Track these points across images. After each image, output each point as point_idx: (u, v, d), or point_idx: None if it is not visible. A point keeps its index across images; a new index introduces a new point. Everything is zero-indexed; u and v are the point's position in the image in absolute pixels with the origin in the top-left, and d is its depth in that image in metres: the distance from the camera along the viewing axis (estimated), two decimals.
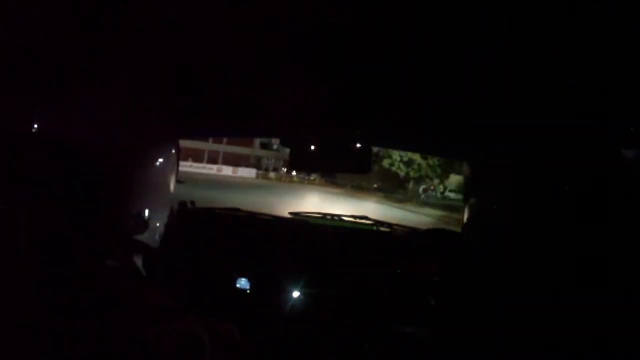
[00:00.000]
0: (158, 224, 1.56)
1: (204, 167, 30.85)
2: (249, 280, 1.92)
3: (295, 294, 1.91)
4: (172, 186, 0.91)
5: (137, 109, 0.69)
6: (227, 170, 32.09)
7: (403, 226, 2.23)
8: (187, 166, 28.05)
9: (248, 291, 1.92)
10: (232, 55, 1.11)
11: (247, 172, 32.54)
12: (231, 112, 1.72)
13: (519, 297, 1.34)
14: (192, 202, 2.31)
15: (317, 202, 15.66)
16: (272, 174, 34.90)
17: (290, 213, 2.41)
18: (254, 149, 35.71)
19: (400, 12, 0.82)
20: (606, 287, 1.00)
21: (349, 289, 1.90)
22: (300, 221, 2.37)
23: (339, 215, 2.47)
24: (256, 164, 36.30)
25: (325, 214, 2.46)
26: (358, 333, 1.81)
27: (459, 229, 2.06)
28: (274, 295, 1.90)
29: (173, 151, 1.58)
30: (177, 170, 1.78)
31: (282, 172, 34.86)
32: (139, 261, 1.08)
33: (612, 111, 1.09)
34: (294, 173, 30.75)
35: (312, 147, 1.83)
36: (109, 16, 0.81)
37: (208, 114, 1.69)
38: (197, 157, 32.39)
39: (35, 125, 0.60)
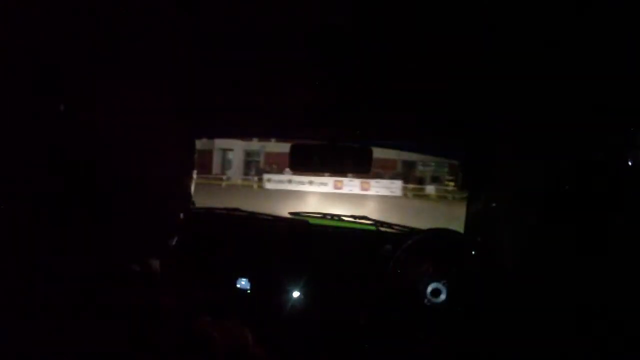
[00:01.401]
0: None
1: (279, 181, 18.93)
2: (250, 280, 1.92)
3: (296, 294, 1.91)
4: (192, 190, 0.91)
5: (154, 111, 0.69)
6: (326, 186, 19.19)
7: (403, 226, 2.23)
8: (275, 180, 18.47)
9: (248, 291, 1.92)
10: (233, 57, 1.11)
11: (386, 188, 18.87)
12: (232, 113, 1.72)
13: (526, 301, 1.33)
14: (192, 202, 2.31)
15: None
16: (430, 188, 19.85)
17: (290, 213, 2.41)
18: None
19: (400, 12, 0.82)
20: (620, 288, 1.00)
21: (349, 290, 1.90)
22: (301, 221, 2.37)
23: (338, 216, 2.46)
24: (406, 173, 22.44)
25: (325, 214, 2.46)
26: (358, 333, 1.80)
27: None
28: (275, 295, 1.90)
29: (194, 155, 1.58)
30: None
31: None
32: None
33: (614, 110, 1.09)
34: None
35: (312, 147, 1.83)
36: (119, 20, 0.82)
37: (209, 115, 1.69)
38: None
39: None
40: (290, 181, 19.37)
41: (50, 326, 0.56)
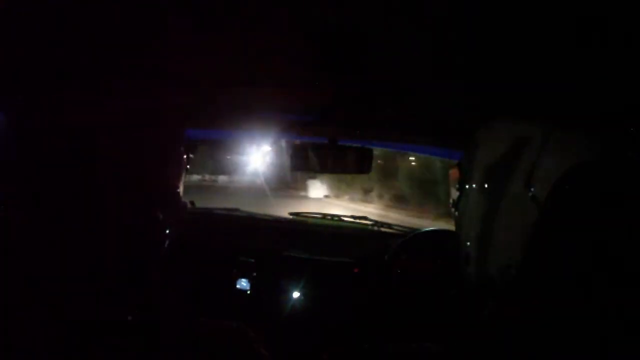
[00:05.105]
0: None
1: None
2: (249, 280, 1.91)
3: (295, 294, 1.91)
4: (182, 190, 0.91)
5: (146, 108, 0.69)
6: None
7: (403, 227, 2.23)
8: None
9: (248, 292, 1.91)
10: (233, 57, 1.11)
11: None
12: (231, 113, 1.72)
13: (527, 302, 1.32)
14: (192, 203, 2.31)
15: None
16: None
17: (290, 213, 2.41)
18: None
19: (401, 12, 0.82)
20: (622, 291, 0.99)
21: (350, 290, 1.90)
22: (300, 221, 2.37)
23: (338, 216, 2.46)
24: None
25: (325, 214, 2.46)
26: (358, 334, 1.80)
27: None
28: (274, 296, 1.90)
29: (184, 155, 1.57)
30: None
31: None
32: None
33: (613, 110, 1.09)
34: None
35: (312, 147, 1.82)
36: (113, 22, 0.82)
37: (208, 115, 1.69)
38: None
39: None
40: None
41: (47, 324, 0.56)
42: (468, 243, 1.02)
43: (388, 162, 12.47)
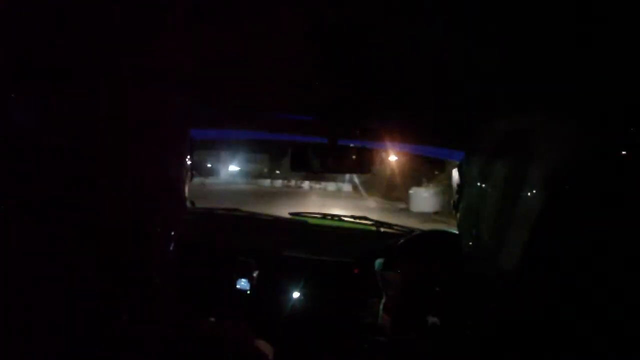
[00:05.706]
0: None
1: None
2: (249, 281, 1.91)
3: (296, 294, 1.91)
4: (187, 190, 0.90)
5: (147, 109, 0.68)
6: None
7: (403, 227, 2.23)
8: None
9: (248, 292, 1.92)
10: (233, 56, 1.11)
11: None
12: (231, 114, 1.72)
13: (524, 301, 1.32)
14: (192, 203, 2.31)
15: None
16: None
17: (291, 213, 2.42)
18: None
19: (401, 12, 0.82)
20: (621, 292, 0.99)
21: (349, 290, 1.90)
22: (300, 221, 2.37)
23: (338, 216, 2.47)
24: None
25: (325, 214, 2.46)
26: (358, 334, 1.80)
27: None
28: (275, 296, 1.90)
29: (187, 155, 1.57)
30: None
31: None
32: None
33: (612, 110, 1.09)
34: None
35: (312, 147, 1.82)
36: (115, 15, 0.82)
37: (208, 115, 1.69)
38: None
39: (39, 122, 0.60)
40: None
41: (44, 327, 0.55)
42: (469, 243, 1.02)
43: None
